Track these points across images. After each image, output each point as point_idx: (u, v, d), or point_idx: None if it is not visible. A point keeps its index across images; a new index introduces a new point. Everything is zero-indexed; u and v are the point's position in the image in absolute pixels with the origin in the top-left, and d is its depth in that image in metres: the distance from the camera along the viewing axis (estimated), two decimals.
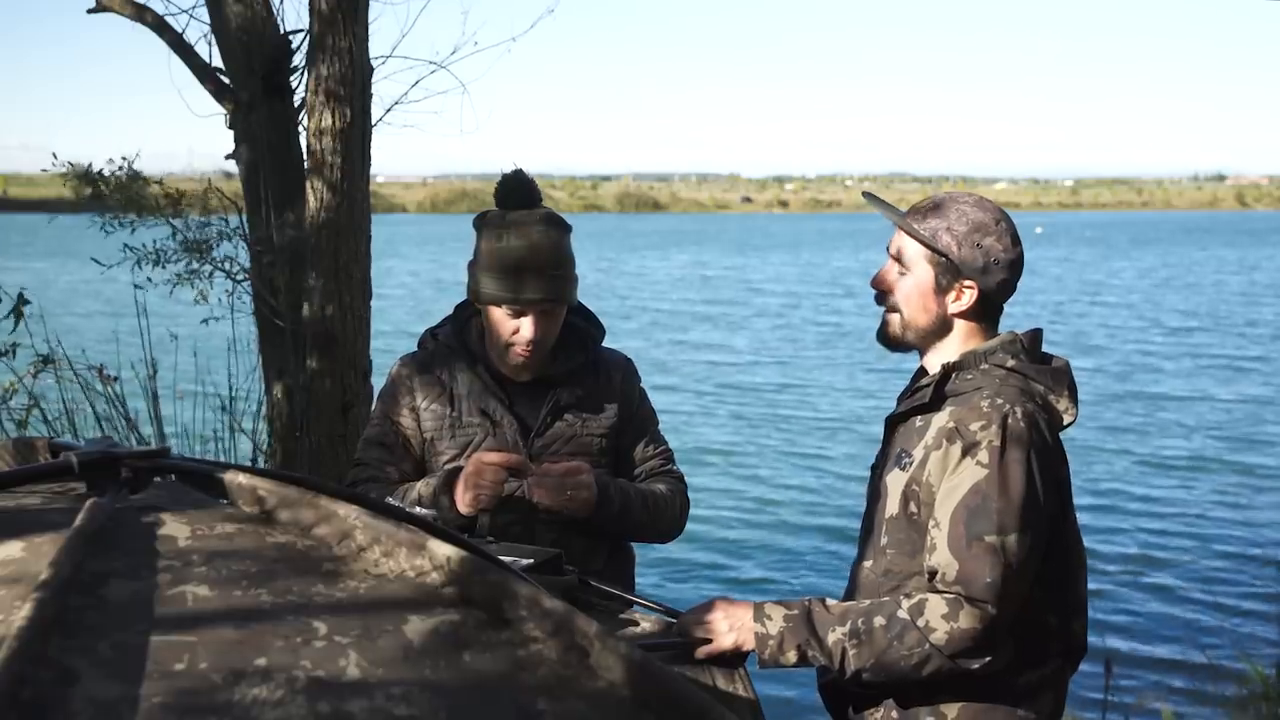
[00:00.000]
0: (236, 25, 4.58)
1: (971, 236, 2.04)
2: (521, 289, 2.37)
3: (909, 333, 2.13)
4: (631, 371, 2.64)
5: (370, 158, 4.56)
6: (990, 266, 2.04)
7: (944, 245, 2.04)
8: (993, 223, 2.05)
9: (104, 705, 0.86)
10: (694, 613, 2.07)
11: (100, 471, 1.17)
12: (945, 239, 2.05)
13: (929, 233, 2.06)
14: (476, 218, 2.49)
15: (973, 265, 2.04)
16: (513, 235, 2.38)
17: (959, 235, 2.04)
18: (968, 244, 2.03)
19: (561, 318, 2.48)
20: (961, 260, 2.04)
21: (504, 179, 2.46)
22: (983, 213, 2.06)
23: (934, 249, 2.05)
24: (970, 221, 2.04)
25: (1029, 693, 2.03)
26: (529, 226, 2.39)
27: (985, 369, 2.04)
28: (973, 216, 2.05)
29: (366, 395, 4.40)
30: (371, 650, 0.96)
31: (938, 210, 2.08)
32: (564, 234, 2.43)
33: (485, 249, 2.42)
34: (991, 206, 2.08)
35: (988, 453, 1.94)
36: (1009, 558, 1.91)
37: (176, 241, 4.87)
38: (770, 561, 8.76)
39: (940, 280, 2.07)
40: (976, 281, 2.05)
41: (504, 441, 2.46)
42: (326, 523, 1.12)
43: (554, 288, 2.40)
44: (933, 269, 2.07)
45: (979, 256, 2.03)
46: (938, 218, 2.06)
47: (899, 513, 2.06)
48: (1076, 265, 41.91)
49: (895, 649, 1.92)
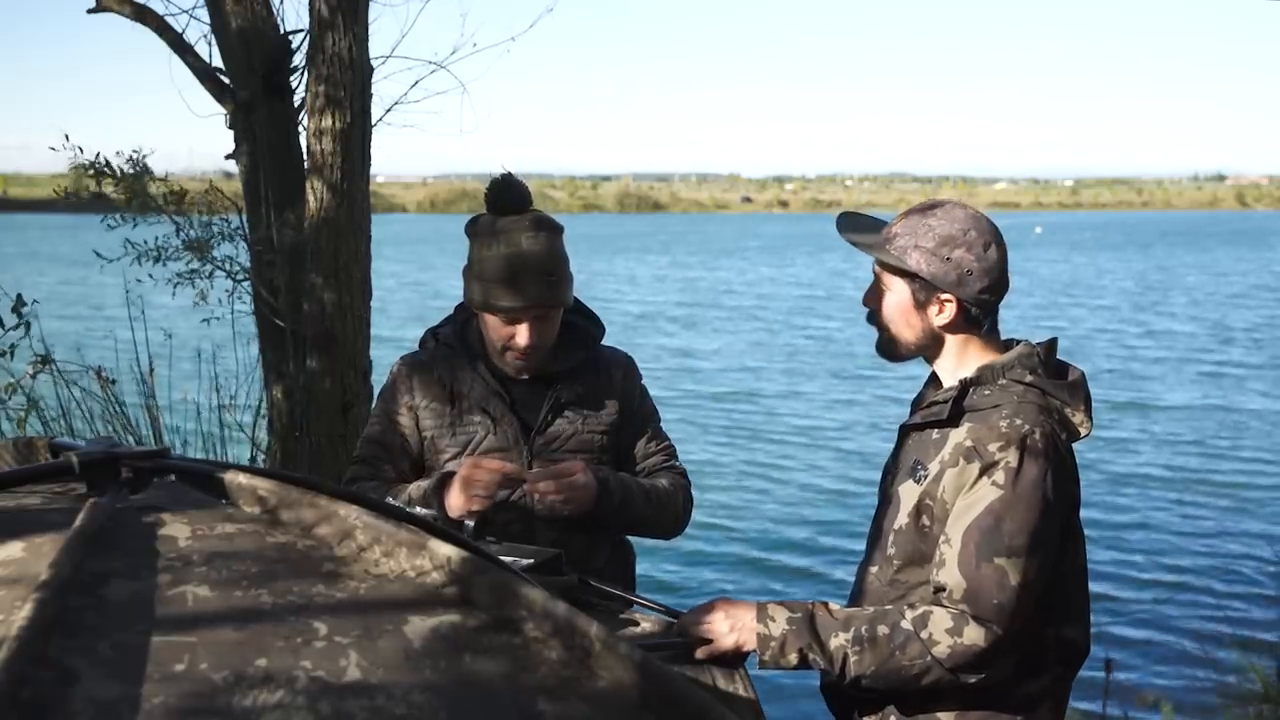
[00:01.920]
0: (236, 25, 4.58)
1: (940, 251, 2.03)
2: (515, 296, 2.37)
3: (901, 347, 2.14)
4: (632, 369, 2.63)
5: (370, 158, 4.56)
6: (964, 278, 2.03)
7: (914, 264, 2.04)
8: (960, 234, 2.03)
9: (104, 705, 0.85)
10: (695, 613, 2.07)
11: (101, 472, 1.17)
12: (914, 257, 2.04)
13: (898, 253, 2.06)
14: (468, 224, 2.48)
15: (945, 279, 2.03)
16: (503, 242, 2.38)
17: (927, 251, 2.03)
18: (937, 259, 2.03)
19: (558, 320, 2.48)
20: (933, 276, 2.03)
21: (494, 184, 2.45)
22: (951, 224, 2.04)
23: (905, 271, 2.06)
24: (938, 236, 2.04)
25: (1029, 702, 2.04)
26: (519, 233, 2.38)
27: (1003, 384, 2.04)
28: (940, 230, 2.04)
29: (366, 395, 4.40)
30: (372, 650, 0.96)
31: (906, 227, 2.08)
32: (555, 236, 2.42)
33: (477, 256, 2.41)
34: (962, 215, 2.06)
35: (1004, 474, 1.94)
36: (1017, 580, 1.92)
37: (179, 239, 4.86)
38: (769, 562, 8.76)
39: (918, 297, 2.07)
40: (954, 294, 2.04)
41: (505, 440, 2.46)
42: (327, 523, 1.12)
43: (547, 293, 2.39)
44: (909, 287, 2.07)
45: (950, 270, 2.03)
46: (906, 235, 2.06)
47: (910, 523, 2.06)
48: (1070, 267, 41.86)
49: (897, 658, 1.93)
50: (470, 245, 2.46)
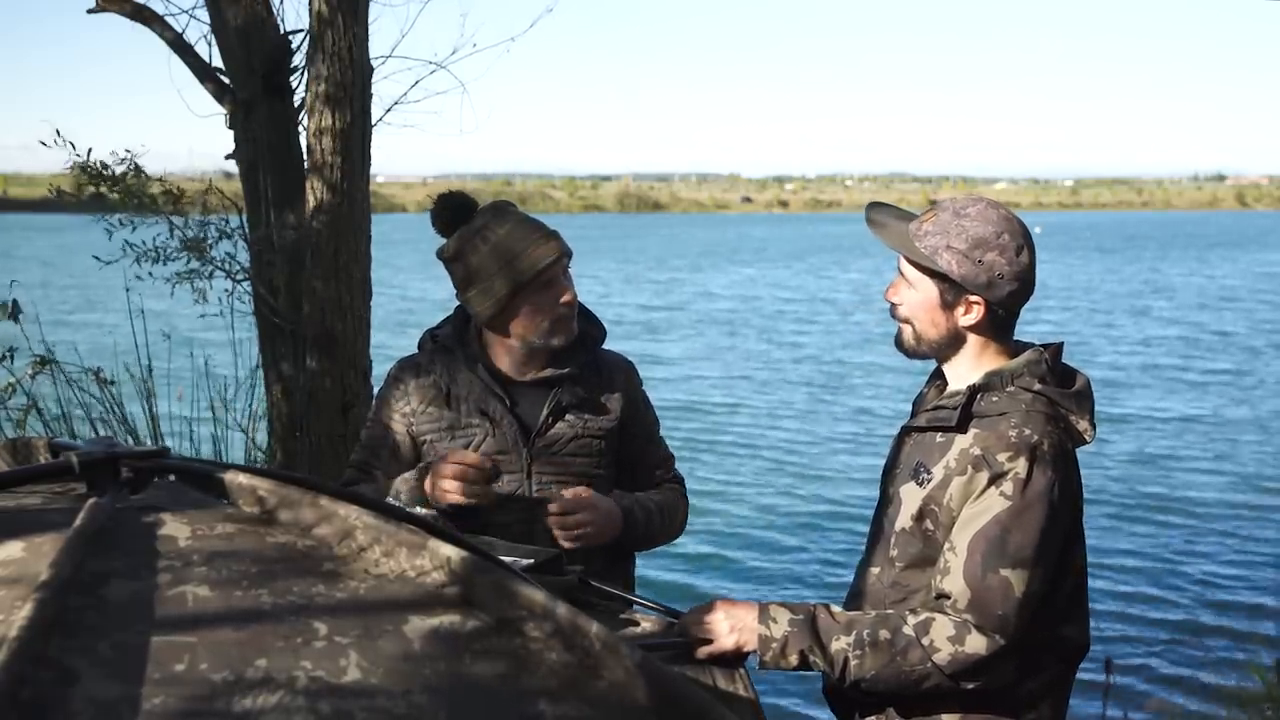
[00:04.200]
0: (236, 25, 4.58)
1: (973, 253, 2.00)
2: (538, 260, 2.39)
3: (923, 344, 2.11)
4: (633, 373, 2.63)
5: (370, 158, 4.56)
6: (995, 281, 2.00)
7: (944, 265, 2.01)
8: (994, 236, 2.00)
9: (104, 705, 0.85)
10: (695, 613, 2.07)
11: (101, 472, 1.17)
12: (945, 258, 2.01)
13: (929, 251, 2.03)
14: (440, 252, 2.49)
15: (976, 282, 2.01)
16: (491, 232, 2.41)
17: (959, 252, 2.00)
18: (969, 261, 2.00)
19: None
20: (964, 278, 2.01)
21: (440, 207, 2.47)
22: (985, 225, 2.01)
23: (934, 271, 2.04)
24: (970, 237, 2.00)
25: (1030, 701, 2.04)
26: (500, 214, 2.44)
27: (1011, 391, 2.02)
28: (973, 231, 2.00)
29: (366, 395, 4.40)
30: (372, 651, 0.96)
31: (938, 225, 2.04)
32: (514, 206, 2.52)
33: (477, 262, 2.41)
34: (996, 216, 2.03)
35: (1013, 484, 1.93)
36: (1022, 591, 1.92)
37: (175, 239, 4.86)
38: (767, 564, 8.76)
39: (946, 297, 2.04)
40: (983, 296, 2.02)
41: (505, 442, 2.45)
42: (327, 523, 1.12)
43: (558, 243, 2.44)
44: (937, 286, 2.05)
45: (981, 273, 2.00)
46: (938, 234, 2.03)
47: (912, 526, 2.05)
48: (1064, 269, 41.79)
49: (897, 663, 1.93)
50: (454, 268, 2.45)
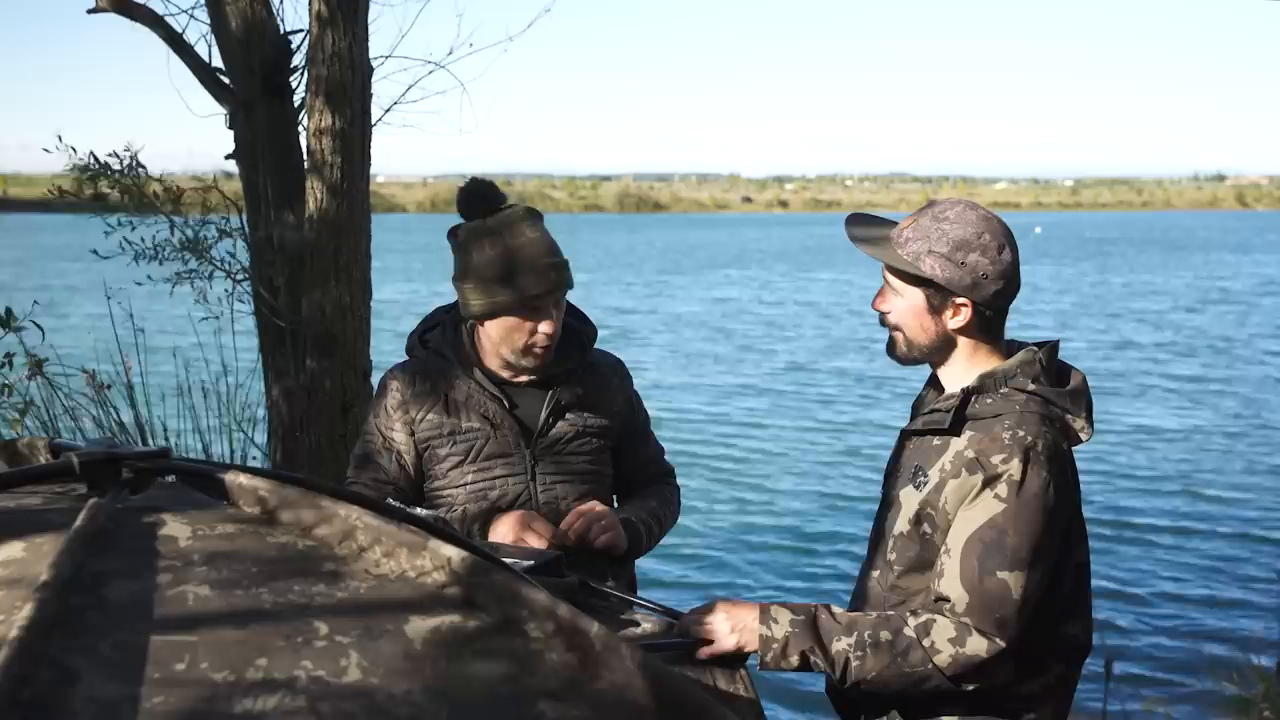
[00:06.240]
0: (236, 25, 4.58)
1: (955, 256, 2.00)
2: (533, 286, 2.35)
3: (914, 351, 2.11)
4: (626, 372, 2.66)
5: (370, 158, 4.56)
6: (980, 281, 2.01)
7: (928, 270, 2.02)
8: (975, 237, 2.01)
9: (105, 705, 0.85)
10: (696, 613, 2.07)
11: (101, 472, 1.17)
12: (929, 263, 2.02)
13: (911, 258, 2.03)
14: (451, 233, 2.45)
15: (960, 284, 2.01)
16: (506, 238, 2.36)
17: (941, 256, 2.01)
18: (952, 264, 2.00)
19: (564, 306, 2.47)
20: (948, 281, 2.01)
21: (464, 191, 2.43)
22: (965, 227, 2.01)
23: (919, 277, 2.04)
24: (951, 240, 2.01)
25: (1032, 700, 2.05)
26: (516, 225, 2.37)
27: (1005, 392, 2.02)
28: (954, 234, 2.01)
29: (366, 395, 4.39)
30: (372, 651, 0.96)
31: (918, 231, 2.04)
32: (542, 221, 2.44)
33: (480, 261, 2.37)
34: (975, 217, 2.03)
35: (1007, 487, 1.93)
36: (1020, 593, 1.92)
37: (174, 239, 4.85)
38: (767, 567, 8.76)
39: (932, 301, 2.05)
40: (969, 298, 2.02)
41: (506, 444, 2.45)
42: (327, 523, 1.12)
43: (560, 275, 2.40)
44: (923, 292, 2.05)
45: (965, 275, 2.00)
46: (919, 240, 2.03)
47: (910, 529, 2.05)
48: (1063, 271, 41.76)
49: (898, 664, 1.93)
50: (458, 255, 2.42)
